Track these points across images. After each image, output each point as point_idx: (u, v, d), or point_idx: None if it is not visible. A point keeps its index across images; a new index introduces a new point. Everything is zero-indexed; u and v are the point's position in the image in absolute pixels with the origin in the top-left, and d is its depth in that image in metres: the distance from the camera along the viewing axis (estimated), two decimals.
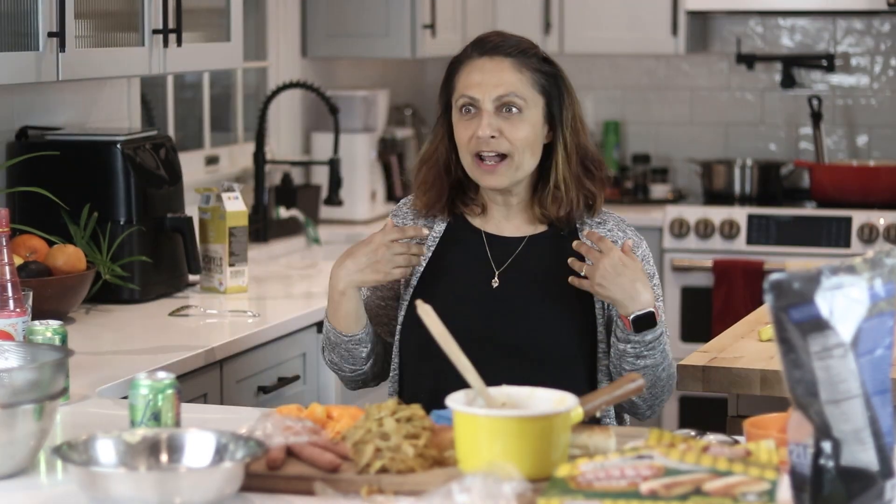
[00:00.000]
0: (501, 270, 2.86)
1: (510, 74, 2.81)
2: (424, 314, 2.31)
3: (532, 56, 2.85)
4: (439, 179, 2.89)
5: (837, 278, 1.85)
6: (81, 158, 3.82)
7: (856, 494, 1.86)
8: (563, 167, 2.84)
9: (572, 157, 2.85)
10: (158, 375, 2.27)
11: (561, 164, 2.84)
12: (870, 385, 1.86)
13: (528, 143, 2.81)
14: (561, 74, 2.87)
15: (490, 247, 2.88)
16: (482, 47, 2.86)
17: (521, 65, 2.82)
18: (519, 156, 2.80)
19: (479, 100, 2.81)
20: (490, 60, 2.83)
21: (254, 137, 5.05)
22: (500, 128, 2.79)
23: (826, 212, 5.48)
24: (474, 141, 2.80)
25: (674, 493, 1.86)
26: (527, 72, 2.82)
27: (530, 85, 2.82)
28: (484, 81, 2.81)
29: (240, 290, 4.04)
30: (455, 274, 2.88)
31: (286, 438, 2.21)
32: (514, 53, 2.83)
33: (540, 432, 2.11)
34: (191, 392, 3.27)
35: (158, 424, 2.24)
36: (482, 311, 2.82)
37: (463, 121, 2.84)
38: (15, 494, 2.16)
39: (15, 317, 2.63)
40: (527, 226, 2.90)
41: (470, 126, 2.82)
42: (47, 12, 3.33)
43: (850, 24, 5.96)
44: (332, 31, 5.41)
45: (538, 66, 2.84)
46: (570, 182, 2.84)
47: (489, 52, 2.85)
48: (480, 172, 2.83)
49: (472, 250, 2.89)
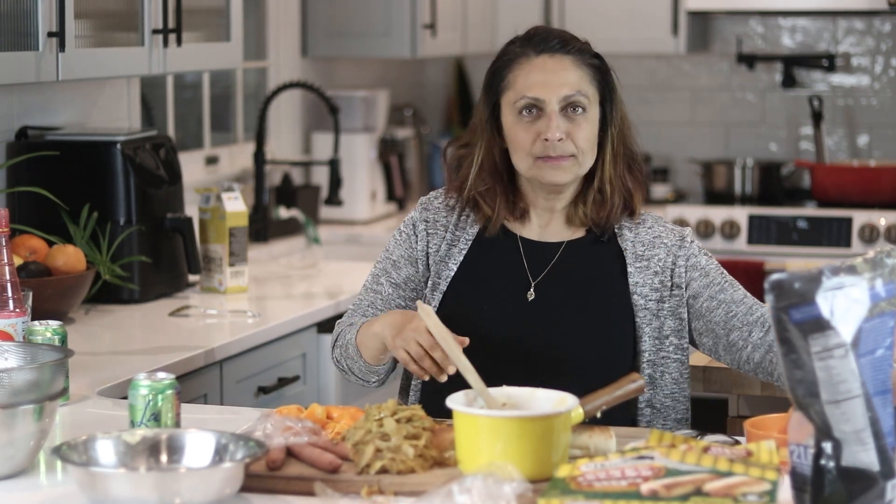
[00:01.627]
0: (538, 282, 2.74)
1: (573, 73, 2.70)
2: (425, 315, 2.31)
3: (585, 52, 2.74)
4: (500, 185, 2.75)
5: (838, 278, 1.85)
6: (81, 158, 3.82)
7: (856, 495, 1.86)
8: (609, 168, 2.73)
9: (619, 157, 2.74)
10: (158, 376, 2.27)
11: (608, 164, 2.73)
12: (870, 385, 1.86)
13: (590, 143, 2.70)
14: (611, 72, 2.77)
15: (526, 254, 2.76)
16: (539, 45, 2.72)
17: (580, 61, 2.72)
18: (583, 156, 2.69)
19: (545, 100, 2.68)
20: (551, 58, 2.71)
21: (254, 137, 5.05)
22: (567, 129, 2.68)
23: (827, 212, 5.48)
24: (540, 144, 2.67)
25: (674, 494, 1.86)
26: (586, 69, 2.72)
27: (590, 82, 2.72)
28: (548, 81, 2.68)
29: (240, 291, 4.04)
30: (489, 282, 2.75)
31: (286, 439, 2.21)
32: (574, 50, 2.72)
33: (540, 433, 2.11)
34: (191, 392, 3.26)
35: (158, 425, 2.24)
36: (518, 324, 2.70)
37: (523, 122, 2.69)
38: (15, 494, 2.16)
39: (15, 317, 2.62)
40: (565, 230, 2.77)
41: (532, 128, 2.68)
42: (47, 12, 3.33)
43: (851, 24, 5.96)
44: (332, 31, 5.40)
45: (591, 61, 2.74)
46: (614, 183, 2.73)
47: (549, 50, 2.71)
48: (546, 168, 2.68)
49: (507, 256, 2.76)
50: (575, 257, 2.75)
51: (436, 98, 6.40)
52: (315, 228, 5.09)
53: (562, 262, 2.75)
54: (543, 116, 2.68)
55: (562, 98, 2.68)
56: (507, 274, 2.75)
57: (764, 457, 2.00)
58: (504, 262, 2.76)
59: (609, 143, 2.74)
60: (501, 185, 2.76)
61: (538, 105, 2.69)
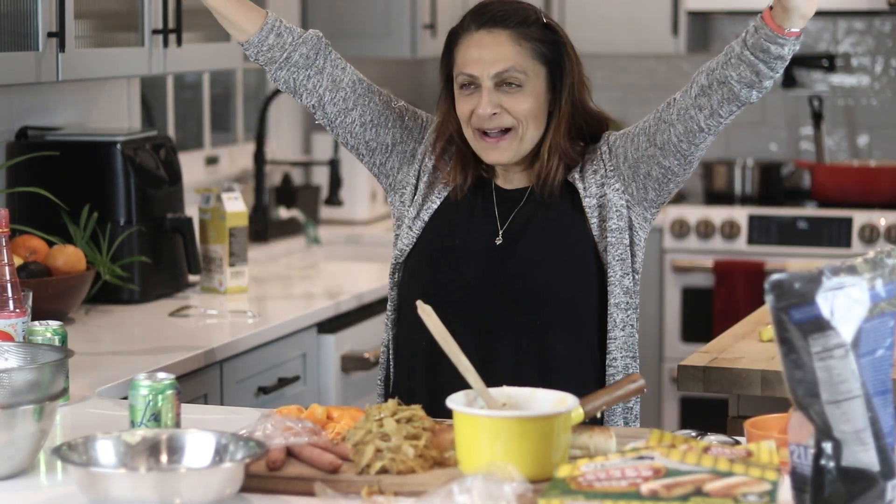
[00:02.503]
0: (505, 228, 2.82)
1: (508, 48, 2.75)
2: (425, 315, 2.31)
3: (532, 24, 2.77)
4: (460, 152, 2.84)
5: (838, 279, 1.85)
6: (81, 158, 3.82)
7: (857, 495, 1.86)
8: (551, 134, 2.79)
9: (562, 124, 2.79)
10: (158, 376, 2.27)
11: (551, 131, 2.79)
12: (871, 385, 1.86)
13: (531, 114, 2.76)
14: (562, 40, 2.80)
15: (498, 201, 2.84)
16: (480, 18, 2.79)
17: (519, 36, 2.76)
18: (522, 128, 2.76)
19: (478, 76, 2.75)
20: (488, 34, 2.76)
21: (254, 137, 5.05)
22: (501, 102, 2.75)
23: (827, 212, 5.48)
24: (475, 118, 2.76)
25: (674, 494, 1.86)
26: (526, 43, 2.76)
27: (530, 56, 2.76)
28: (482, 57, 2.75)
29: (240, 291, 4.04)
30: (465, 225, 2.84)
31: (286, 439, 2.21)
32: (514, 24, 2.76)
33: (540, 433, 2.10)
34: (191, 392, 3.26)
35: (158, 425, 2.24)
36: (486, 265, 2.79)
37: (463, 96, 2.78)
38: (15, 495, 2.16)
39: (15, 317, 2.62)
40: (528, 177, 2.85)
41: (470, 101, 2.77)
42: (47, 12, 3.33)
43: (851, 24, 5.96)
44: (332, 31, 5.39)
45: (539, 34, 2.77)
46: (553, 149, 2.79)
47: (487, 25, 2.77)
48: (483, 147, 2.79)
49: (481, 203, 2.85)
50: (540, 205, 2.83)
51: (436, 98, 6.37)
52: (315, 228, 5.09)
53: (527, 207, 2.82)
54: (478, 93, 2.76)
55: (493, 75, 2.75)
56: (479, 218, 2.84)
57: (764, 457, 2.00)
58: (477, 208, 2.85)
59: (556, 113, 2.79)
60: (460, 151, 2.84)
61: (473, 81, 2.77)
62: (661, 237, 5.57)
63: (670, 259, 5.55)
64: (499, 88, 2.75)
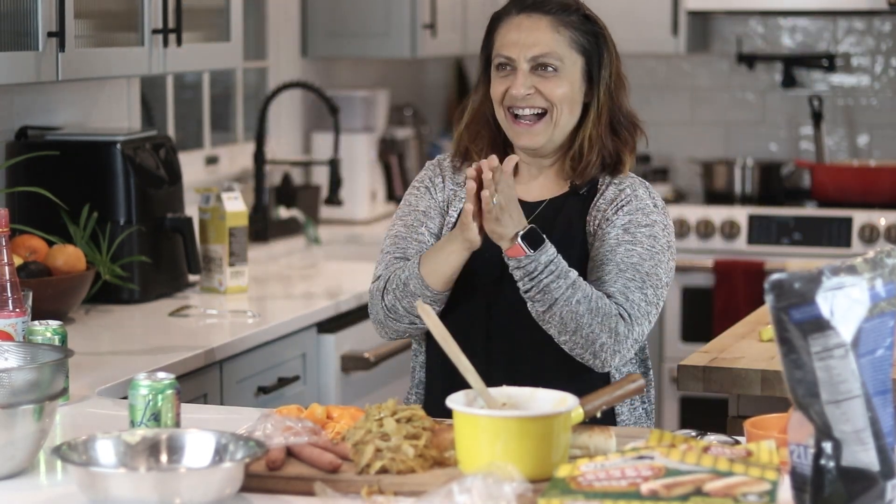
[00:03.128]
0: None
1: (546, 34, 2.78)
2: (425, 315, 2.31)
3: (573, 13, 2.81)
4: (491, 136, 2.85)
5: (838, 278, 1.85)
6: (81, 158, 3.82)
7: (857, 495, 1.86)
8: (590, 127, 2.81)
9: (602, 117, 2.81)
10: (158, 376, 2.27)
11: (590, 123, 2.81)
12: (870, 385, 1.86)
13: (565, 98, 2.78)
14: (603, 33, 2.83)
15: None
16: (521, 3, 2.82)
17: (559, 23, 2.79)
18: (557, 112, 2.78)
19: (515, 59, 2.78)
20: (528, 18, 2.79)
21: (254, 137, 5.05)
22: (535, 84, 2.77)
23: (827, 212, 5.48)
24: (508, 97, 2.78)
25: (674, 494, 1.86)
26: (565, 31, 2.79)
27: (567, 45, 2.79)
28: (520, 40, 2.78)
29: (240, 291, 4.04)
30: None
31: (286, 439, 2.21)
32: (554, 11, 2.79)
33: (540, 433, 2.11)
34: (191, 392, 3.26)
35: (158, 425, 2.24)
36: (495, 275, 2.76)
37: (498, 77, 2.80)
38: (15, 494, 2.16)
39: (15, 317, 2.62)
40: (553, 186, 2.85)
41: (504, 82, 2.79)
42: (47, 12, 3.33)
43: (851, 23, 5.96)
44: (332, 30, 5.40)
45: (579, 24, 2.80)
46: (594, 142, 2.80)
47: (528, 9, 2.80)
48: (516, 131, 2.80)
49: None
50: (553, 213, 2.82)
51: (436, 98, 6.40)
52: (315, 228, 5.09)
53: (540, 220, 2.79)
54: (514, 74, 2.79)
55: (529, 58, 2.78)
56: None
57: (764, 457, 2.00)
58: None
59: (594, 103, 2.81)
60: (492, 135, 2.86)
61: (510, 63, 2.79)
62: None
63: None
64: (534, 72, 2.78)
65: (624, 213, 2.79)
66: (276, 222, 5.00)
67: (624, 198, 2.81)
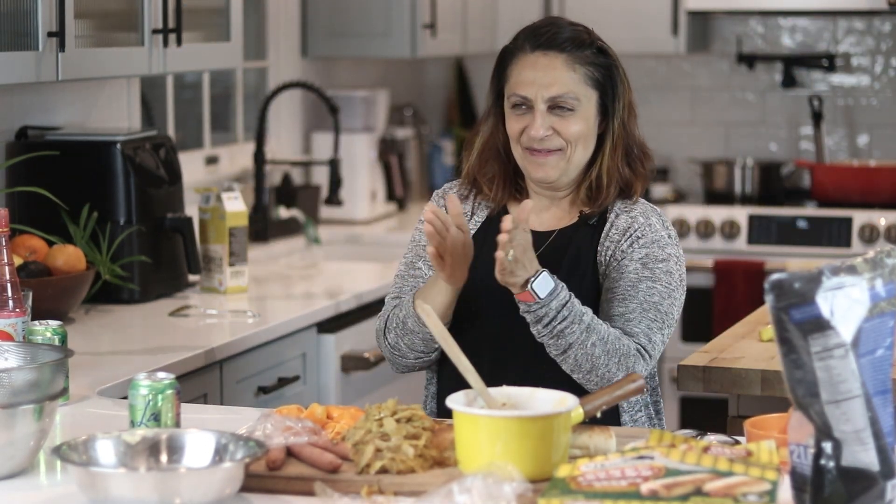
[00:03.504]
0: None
1: (563, 73, 2.77)
2: (425, 315, 2.31)
3: (587, 48, 2.80)
4: (501, 168, 2.84)
5: (838, 278, 1.85)
6: (81, 158, 3.82)
7: (856, 495, 1.86)
8: (607, 159, 2.80)
9: (618, 149, 2.81)
10: (158, 376, 2.27)
11: (606, 156, 2.80)
12: (870, 385, 1.86)
13: (581, 136, 2.77)
14: (615, 64, 2.83)
15: None
16: (536, 40, 2.80)
17: (574, 61, 2.78)
18: (571, 149, 2.77)
19: (532, 98, 2.76)
20: (543, 56, 2.78)
21: (254, 137, 5.05)
22: (553, 125, 2.76)
23: (827, 212, 5.48)
24: (526, 137, 2.77)
25: (674, 494, 1.86)
26: (580, 68, 2.78)
27: (583, 82, 2.78)
28: (537, 80, 2.77)
29: (240, 290, 4.04)
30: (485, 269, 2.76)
31: (286, 439, 2.21)
32: (569, 48, 2.79)
33: (540, 433, 2.11)
34: (191, 392, 3.26)
35: (158, 425, 2.24)
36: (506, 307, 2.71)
37: (515, 115, 2.79)
38: (15, 494, 2.16)
39: (15, 317, 2.62)
40: (564, 216, 2.85)
41: (521, 121, 2.78)
42: (47, 12, 3.33)
43: (851, 23, 5.96)
44: (332, 31, 5.40)
45: (593, 58, 2.80)
46: (612, 174, 2.80)
47: (542, 47, 2.79)
48: (532, 164, 2.79)
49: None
50: (563, 243, 2.82)
51: (436, 98, 6.40)
52: (315, 228, 5.09)
53: (550, 250, 2.80)
54: (530, 113, 2.77)
55: (547, 99, 2.76)
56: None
57: (764, 457, 2.00)
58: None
59: (609, 136, 2.81)
60: (502, 167, 2.85)
61: (526, 103, 2.77)
62: None
63: None
64: (551, 111, 2.76)
65: (640, 247, 2.79)
66: (276, 222, 5.00)
67: (637, 227, 2.80)
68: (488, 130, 2.86)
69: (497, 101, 2.85)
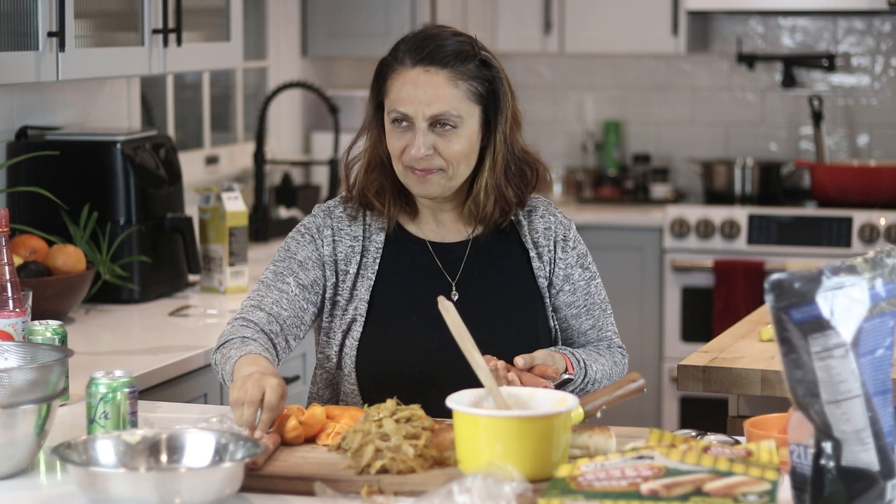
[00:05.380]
0: (457, 281, 2.74)
1: (446, 90, 2.64)
2: (445, 311, 2.30)
3: (470, 61, 2.67)
4: (389, 179, 2.74)
5: (838, 278, 1.85)
6: (81, 158, 3.82)
7: (857, 495, 1.86)
8: (486, 176, 2.71)
9: (498, 163, 2.71)
10: (115, 374, 2.29)
11: (486, 172, 2.71)
12: (870, 385, 1.86)
13: (463, 155, 2.67)
14: (499, 76, 2.70)
15: (438, 256, 2.76)
16: (417, 54, 2.65)
17: (457, 76, 2.65)
18: (453, 169, 2.67)
19: (412, 116, 2.63)
20: (425, 72, 2.64)
21: (254, 137, 5.05)
22: (434, 144, 2.65)
23: (827, 212, 5.48)
24: (407, 156, 2.66)
25: (674, 494, 1.86)
26: (463, 83, 2.65)
27: (466, 98, 2.66)
28: (418, 97, 2.63)
29: (240, 290, 4.04)
30: (413, 290, 2.73)
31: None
32: (452, 62, 2.65)
33: (540, 433, 2.10)
34: (191, 392, 3.26)
35: (113, 422, 2.24)
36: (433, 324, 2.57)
37: (395, 131, 2.67)
38: (15, 494, 2.16)
39: (15, 317, 2.62)
40: (463, 228, 2.77)
41: (402, 139, 2.66)
42: (47, 12, 3.33)
43: (851, 23, 5.96)
44: (332, 31, 5.40)
45: (476, 72, 2.67)
46: (490, 190, 2.71)
47: (424, 62, 2.64)
48: (413, 181, 2.68)
49: (421, 261, 2.75)
50: (483, 253, 2.77)
51: None
52: None
53: (472, 259, 2.76)
54: (411, 130, 2.66)
55: (429, 117, 2.64)
56: (426, 279, 2.74)
57: (764, 457, 2.00)
58: (420, 268, 2.75)
59: (490, 152, 2.71)
60: (390, 181, 2.74)
61: (407, 119, 2.66)
62: (660, 237, 5.57)
63: (670, 259, 5.55)
64: (432, 129, 2.65)
65: (569, 248, 2.81)
66: (276, 222, 5.00)
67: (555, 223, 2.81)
68: (371, 144, 2.75)
69: (377, 113, 2.74)
